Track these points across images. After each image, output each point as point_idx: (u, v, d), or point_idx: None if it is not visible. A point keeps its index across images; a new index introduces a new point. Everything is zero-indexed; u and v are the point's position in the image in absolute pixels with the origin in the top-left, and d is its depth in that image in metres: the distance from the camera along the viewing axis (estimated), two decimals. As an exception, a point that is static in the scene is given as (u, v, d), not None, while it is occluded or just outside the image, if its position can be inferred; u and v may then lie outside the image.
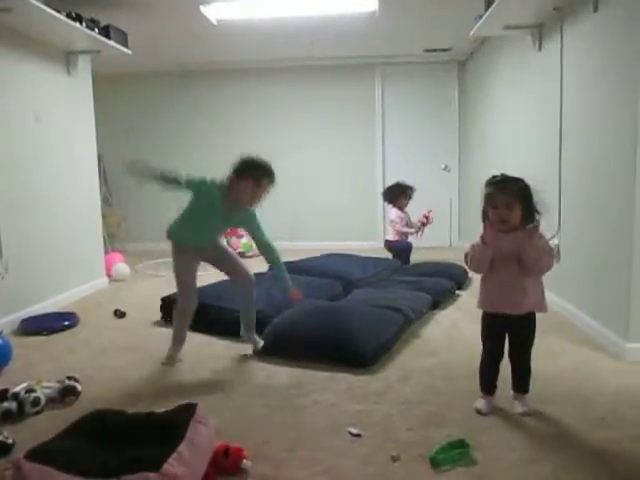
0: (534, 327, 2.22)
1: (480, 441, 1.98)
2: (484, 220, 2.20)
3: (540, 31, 3.90)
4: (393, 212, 5.17)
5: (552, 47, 3.71)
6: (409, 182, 5.16)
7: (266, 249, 2.94)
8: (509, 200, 2.11)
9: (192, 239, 2.88)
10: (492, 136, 5.41)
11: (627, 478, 1.77)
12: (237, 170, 2.79)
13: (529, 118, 4.28)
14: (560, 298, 3.65)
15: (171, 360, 2.90)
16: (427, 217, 4.97)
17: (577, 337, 3.17)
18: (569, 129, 3.51)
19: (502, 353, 2.26)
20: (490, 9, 3.58)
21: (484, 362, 2.31)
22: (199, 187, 2.79)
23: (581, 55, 3.33)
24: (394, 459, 1.88)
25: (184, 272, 2.90)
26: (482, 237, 2.16)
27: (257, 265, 5.45)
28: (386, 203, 5.32)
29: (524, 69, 4.36)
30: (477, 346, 2.99)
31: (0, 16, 3.31)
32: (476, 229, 2.31)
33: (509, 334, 2.23)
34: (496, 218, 2.14)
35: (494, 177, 2.20)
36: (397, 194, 5.13)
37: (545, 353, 2.91)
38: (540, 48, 3.93)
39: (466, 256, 2.24)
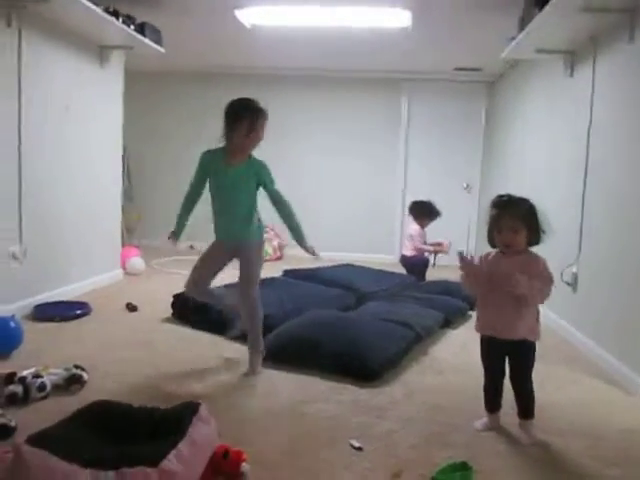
0: (531, 353, 2.17)
1: (483, 465, 1.94)
2: (490, 241, 2.19)
3: (572, 57, 3.87)
4: (413, 227, 5.15)
5: (584, 74, 3.67)
6: (437, 205, 5.15)
7: (278, 202, 2.88)
8: (514, 223, 2.08)
9: (221, 228, 2.85)
10: (516, 159, 5.36)
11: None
12: (227, 118, 2.70)
13: (555, 144, 4.24)
14: (575, 328, 3.59)
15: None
16: (441, 246, 4.99)
17: (589, 369, 3.10)
18: (596, 159, 3.46)
19: (501, 374, 2.24)
20: (523, 32, 3.56)
21: (485, 381, 2.29)
22: (201, 164, 2.81)
23: (613, 85, 3.29)
24: (395, 476, 1.86)
25: (202, 261, 2.87)
26: (460, 267, 2.16)
27: (270, 270, 5.46)
28: (409, 216, 5.29)
29: (554, 94, 4.33)
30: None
31: (38, 6, 3.37)
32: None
33: (508, 358, 2.20)
34: (501, 242, 2.12)
35: (500, 197, 2.18)
36: (424, 212, 5.13)
37: (555, 383, 2.86)
38: (572, 74, 3.90)
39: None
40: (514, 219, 2.08)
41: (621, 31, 3.11)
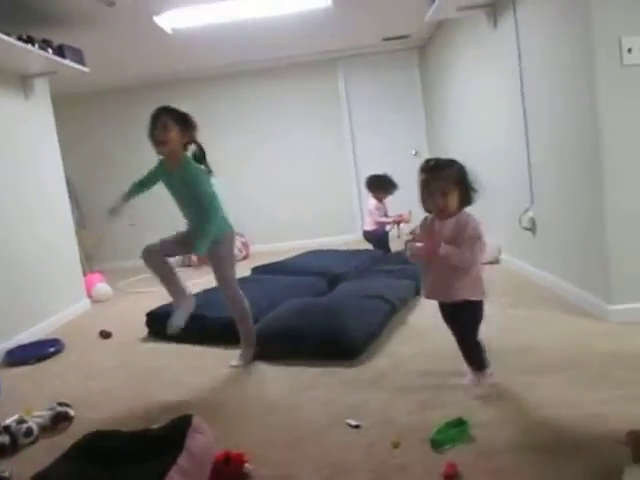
0: (476, 311, 2.20)
1: (477, 418, 2.00)
2: (424, 207, 2.19)
3: (494, 10, 3.94)
4: (371, 202, 5.20)
5: (507, 24, 3.75)
6: (393, 177, 5.17)
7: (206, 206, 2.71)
8: (444, 186, 2.08)
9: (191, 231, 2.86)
10: (457, 119, 5.46)
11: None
12: (149, 132, 2.70)
13: (492, 98, 4.33)
14: (539, 269, 3.71)
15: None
16: (402, 217, 5.02)
17: (559, 305, 3.22)
18: (531, 103, 3.56)
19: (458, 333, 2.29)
20: (442, -8, 3.61)
21: (456, 340, 2.32)
22: (153, 170, 2.88)
23: (536, 28, 3.37)
24: (395, 445, 1.90)
25: (173, 235, 2.92)
26: (410, 258, 2.17)
27: (238, 270, 5.42)
28: (367, 191, 5.33)
29: (481, 49, 4.41)
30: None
31: (-51, 46, 3.24)
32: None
33: (453, 318, 2.25)
34: (433, 207, 2.13)
35: (427, 161, 2.16)
36: (379, 186, 5.16)
37: (531, 324, 2.97)
38: (495, 26, 3.98)
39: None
40: (443, 182, 2.08)
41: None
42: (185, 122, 2.73)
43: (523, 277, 3.95)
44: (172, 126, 2.66)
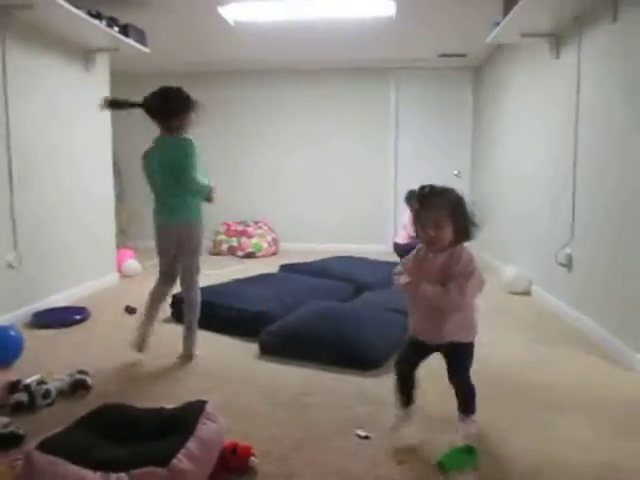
0: (465, 353, 2.00)
1: (487, 447, 1.98)
2: (419, 238, 1.99)
3: (557, 39, 3.89)
4: (408, 216, 5.17)
5: (570, 56, 3.69)
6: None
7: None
8: (437, 218, 1.87)
9: (158, 213, 2.96)
10: (505, 143, 5.39)
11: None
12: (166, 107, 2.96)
13: (544, 126, 4.27)
14: (569, 306, 3.63)
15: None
16: None
17: (588, 347, 3.14)
18: (584, 139, 3.49)
19: (413, 368, 2.10)
20: (507, 16, 3.58)
21: (397, 376, 2.13)
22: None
23: (599, 65, 3.31)
24: (400, 462, 1.89)
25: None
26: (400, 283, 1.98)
27: (266, 266, 5.48)
28: (406, 204, 5.29)
29: (540, 77, 4.35)
30: (484, 352, 2.97)
31: (21, 12, 3.36)
32: (484, 236, 2.29)
33: (444, 357, 2.03)
34: (424, 239, 1.92)
35: (422, 188, 1.98)
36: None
37: (556, 363, 2.91)
38: (557, 56, 3.92)
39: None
40: (436, 212, 1.87)
41: (604, 10, 3.13)
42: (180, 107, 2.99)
43: (552, 312, 3.87)
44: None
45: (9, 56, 3.48)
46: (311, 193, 6.96)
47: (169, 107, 2.88)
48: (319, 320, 3.10)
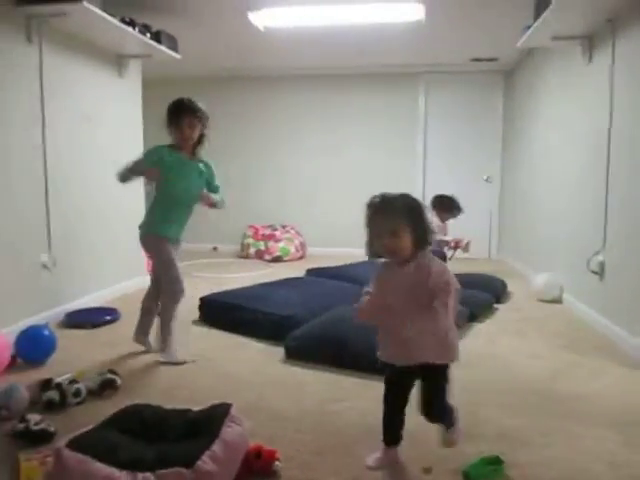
0: (441, 376, 1.80)
1: (515, 459, 1.94)
2: (369, 250, 1.84)
3: (590, 42, 3.82)
4: (434, 222, 5.13)
5: (603, 59, 3.62)
6: (460, 200, 5.08)
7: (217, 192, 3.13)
8: (393, 225, 1.73)
9: (172, 226, 3.04)
10: (536, 148, 5.31)
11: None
12: (169, 120, 2.97)
13: (576, 131, 4.19)
14: (601, 315, 3.55)
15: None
16: (459, 242, 4.94)
17: (619, 358, 3.06)
18: (618, 144, 3.41)
19: (404, 403, 1.89)
20: (539, 20, 3.53)
21: (385, 411, 1.92)
22: (150, 152, 2.99)
23: (634, 68, 3.24)
24: (426, 471, 1.87)
25: (175, 259, 3.08)
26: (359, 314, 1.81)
27: (293, 270, 5.50)
28: (432, 210, 5.26)
29: (573, 81, 4.27)
30: (513, 361, 2.94)
31: (56, 20, 3.46)
32: (515, 243, 2.26)
33: (420, 381, 1.84)
34: (383, 249, 1.77)
35: (374, 196, 1.84)
36: (444, 207, 5.08)
37: (586, 374, 2.84)
38: (590, 60, 3.84)
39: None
40: (393, 219, 1.74)
41: (639, 12, 3.06)
42: (203, 120, 3.02)
43: (583, 321, 3.79)
44: (197, 125, 2.98)
45: (45, 63, 3.58)
46: (339, 198, 6.96)
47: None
48: (345, 325, 3.10)
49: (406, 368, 1.79)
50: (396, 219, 1.74)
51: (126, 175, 2.99)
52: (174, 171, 2.92)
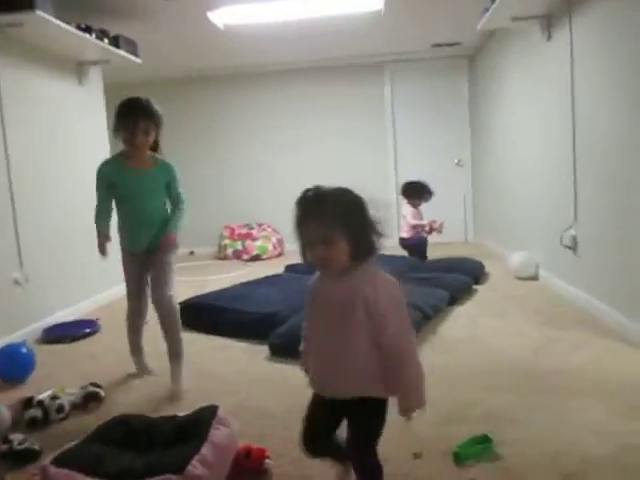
0: (371, 416, 1.47)
1: (504, 436, 1.96)
2: (303, 257, 1.48)
3: (549, 21, 3.86)
4: (406, 208, 5.16)
5: (562, 37, 3.67)
6: (429, 184, 5.11)
7: (177, 200, 2.73)
8: (325, 231, 1.38)
9: (132, 237, 2.75)
10: (504, 129, 5.37)
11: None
12: (115, 126, 2.58)
13: (541, 109, 4.24)
14: (577, 288, 3.61)
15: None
16: (432, 225, 4.98)
17: (599, 329, 3.13)
18: (582, 118, 3.47)
19: (330, 431, 1.59)
20: (497, 1, 3.56)
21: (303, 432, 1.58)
22: (100, 177, 2.65)
23: (592, 44, 3.29)
24: (416, 456, 1.87)
25: (136, 275, 2.83)
26: None
27: (272, 267, 5.48)
28: (401, 197, 5.29)
29: (534, 60, 4.33)
30: (496, 340, 2.97)
31: (12, 30, 3.37)
32: (490, 225, 2.28)
33: (347, 418, 1.52)
34: (313, 260, 1.42)
35: (306, 192, 1.48)
36: (414, 193, 5.11)
37: (567, 347, 2.89)
38: (549, 38, 3.89)
39: None
40: (324, 224, 1.38)
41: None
42: (160, 125, 2.64)
43: (560, 296, 3.85)
44: (152, 131, 2.59)
45: (3, 76, 3.49)
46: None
47: None
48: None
49: (330, 400, 1.49)
50: (330, 223, 1.38)
51: (100, 223, 2.78)
52: (124, 192, 2.64)
